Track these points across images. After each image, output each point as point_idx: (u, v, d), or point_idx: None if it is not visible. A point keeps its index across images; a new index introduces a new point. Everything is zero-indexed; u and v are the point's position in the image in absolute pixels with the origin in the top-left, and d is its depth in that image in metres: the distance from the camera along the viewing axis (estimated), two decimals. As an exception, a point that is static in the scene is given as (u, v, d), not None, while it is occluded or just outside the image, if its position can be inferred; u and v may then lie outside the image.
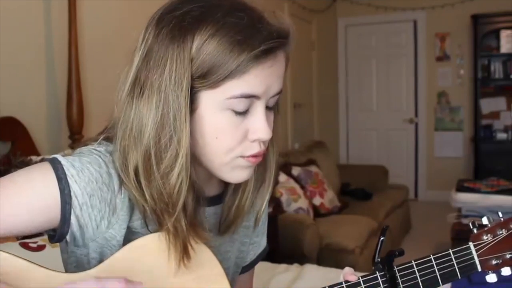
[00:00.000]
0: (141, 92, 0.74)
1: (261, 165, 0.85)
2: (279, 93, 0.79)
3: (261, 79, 0.74)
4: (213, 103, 0.74)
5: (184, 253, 0.75)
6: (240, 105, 0.74)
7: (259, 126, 0.76)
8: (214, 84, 0.73)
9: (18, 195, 0.72)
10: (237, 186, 0.87)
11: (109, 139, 0.80)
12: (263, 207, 0.90)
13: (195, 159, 0.79)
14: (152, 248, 0.76)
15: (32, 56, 2.19)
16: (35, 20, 2.20)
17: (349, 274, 0.86)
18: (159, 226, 0.76)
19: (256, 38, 0.72)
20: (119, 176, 0.76)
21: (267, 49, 0.72)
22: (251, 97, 0.74)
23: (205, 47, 0.71)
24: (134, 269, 0.75)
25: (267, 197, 0.90)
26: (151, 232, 0.78)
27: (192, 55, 0.72)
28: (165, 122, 0.73)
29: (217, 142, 0.76)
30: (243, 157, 0.78)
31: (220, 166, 0.79)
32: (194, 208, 0.78)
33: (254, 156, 0.78)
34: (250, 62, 0.72)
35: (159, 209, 0.75)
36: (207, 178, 0.85)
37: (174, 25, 0.73)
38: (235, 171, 0.79)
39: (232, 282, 0.95)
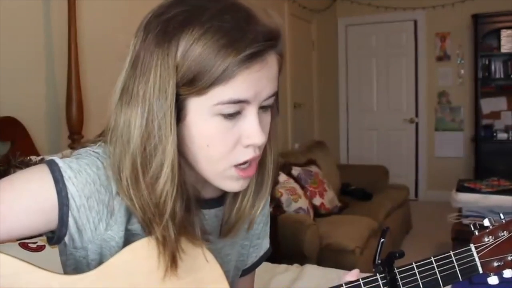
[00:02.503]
0: (129, 100, 0.73)
1: (260, 168, 0.84)
2: (273, 95, 0.77)
3: (249, 83, 0.72)
4: (202, 110, 0.72)
5: (172, 262, 0.74)
6: (229, 110, 0.72)
7: (251, 130, 0.74)
8: (201, 91, 0.71)
9: (15, 199, 0.72)
10: None
11: (107, 142, 0.79)
12: (259, 210, 0.88)
13: (190, 166, 0.78)
14: (145, 251, 0.75)
15: (32, 56, 2.18)
16: (35, 20, 2.19)
17: (347, 275, 0.86)
18: (149, 235, 0.75)
19: (242, 42, 0.69)
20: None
21: (254, 52, 0.70)
22: (240, 102, 0.72)
23: (190, 52, 0.70)
24: (131, 271, 0.75)
25: (264, 200, 0.88)
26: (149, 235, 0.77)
27: (177, 62, 0.70)
28: (150, 131, 0.72)
29: (208, 150, 0.74)
30: (236, 166, 0.76)
31: (213, 175, 0.77)
32: (186, 214, 0.76)
33: (246, 168, 0.77)
34: (236, 67, 0.69)
35: (147, 218, 0.74)
36: (205, 180, 0.83)
37: (160, 30, 0.72)
38: (228, 181, 0.78)
39: (232, 284, 0.94)
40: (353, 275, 0.85)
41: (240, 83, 0.71)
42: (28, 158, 1.83)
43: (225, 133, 0.74)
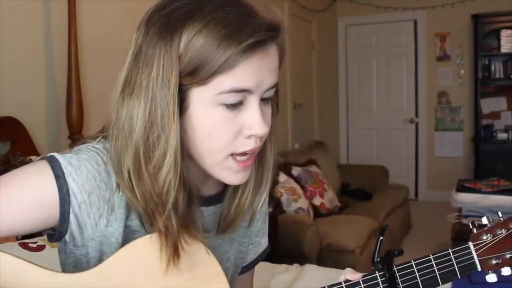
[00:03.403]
0: (131, 91, 0.74)
1: (260, 163, 0.85)
2: (274, 86, 0.78)
3: (250, 73, 0.73)
4: (204, 100, 0.73)
5: (175, 253, 0.74)
6: (232, 100, 0.73)
7: (253, 120, 0.75)
8: (203, 81, 0.72)
9: (16, 195, 0.72)
10: (237, 185, 0.86)
11: (107, 138, 0.79)
12: (260, 206, 0.89)
13: (191, 158, 0.79)
14: (147, 248, 0.75)
15: (32, 56, 2.19)
16: (35, 20, 2.20)
17: (350, 273, 0.86)
18: (151, 226, 0.76)
19: (244, 32, 0.71)
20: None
21: (255, 42, 0.71)
22: (242, 91, 0.73)
23: (192, 43, 0.71)
24: (131, 270, 0.75)
25: (264, 196, 0.88)
26: (147, 232, 0.77)
27: (180, 52, 0.72)
28: (153, 121, 0.73)
29: (210, 140, 0.75)
30: (234, 155, 0.77)
31: (213, 165, 0.78)
32: (187, 207, 0.77)
33: (245, 157, 0.77)
34: (238, 56, 0.71)
35: (150, 209, 0.74)
36: (204, 177, 0.84)
37: (162, 23, 0.73)
38: (227, 173, 0.78)
39: (231, 282, 0.95)
40: (355, 276, 0.85)
41: (242, 72, 0.72)
42: (28, 158, 1.83)
43: (227, 123, 0.75)
